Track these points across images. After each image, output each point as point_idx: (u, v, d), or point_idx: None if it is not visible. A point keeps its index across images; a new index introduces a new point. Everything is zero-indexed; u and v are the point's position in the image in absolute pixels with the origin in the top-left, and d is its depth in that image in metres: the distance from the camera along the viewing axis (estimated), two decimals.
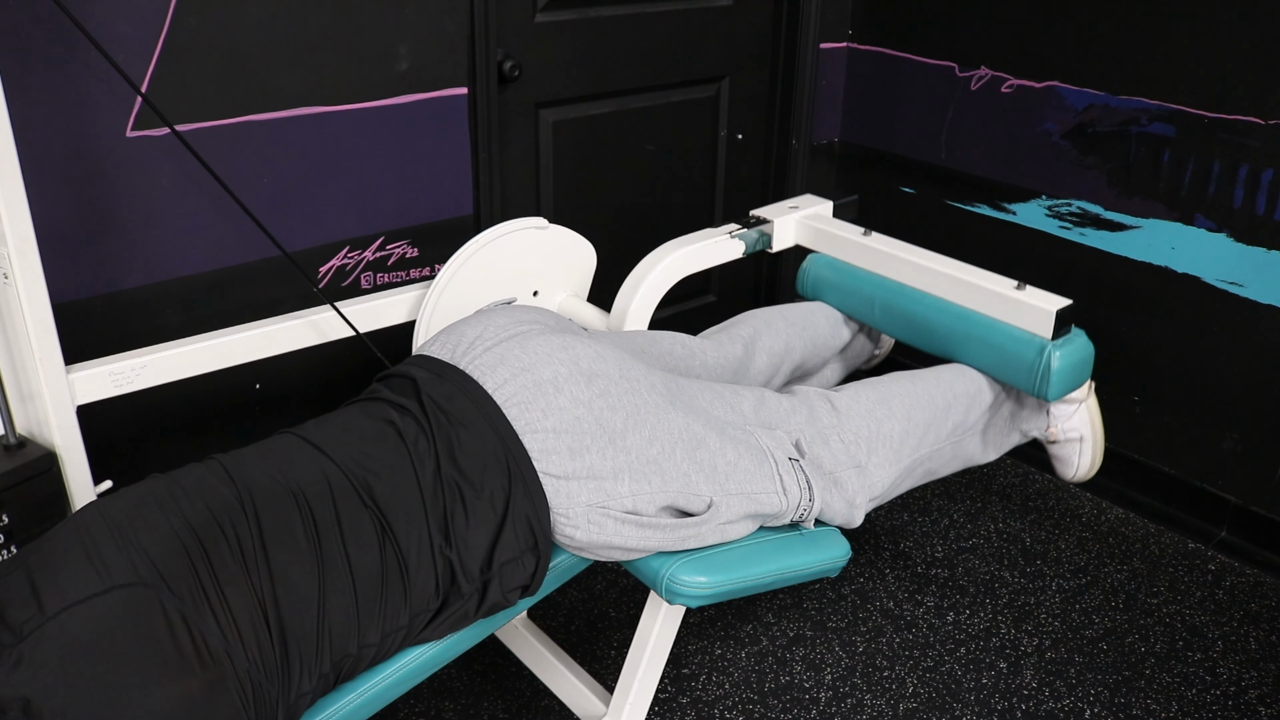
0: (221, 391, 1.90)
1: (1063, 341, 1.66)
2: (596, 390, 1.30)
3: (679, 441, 1.34)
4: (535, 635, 1.76)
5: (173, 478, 1.18)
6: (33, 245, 1.30)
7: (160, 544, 1.06)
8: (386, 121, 1.95)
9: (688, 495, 1.33)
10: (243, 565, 1.08)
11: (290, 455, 1.22)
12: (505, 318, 1.41)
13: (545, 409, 1.27)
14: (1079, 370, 1.70)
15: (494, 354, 1.33)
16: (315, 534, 1.13)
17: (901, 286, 1.85)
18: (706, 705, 1.83)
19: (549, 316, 1.47)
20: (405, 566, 1.17)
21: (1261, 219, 2.06)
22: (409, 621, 1.19)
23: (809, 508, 1.46)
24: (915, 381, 1.71)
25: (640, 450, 1.30)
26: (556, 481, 1.26)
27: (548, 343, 1.34)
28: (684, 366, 1.64)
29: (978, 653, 1.96)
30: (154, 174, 1.71)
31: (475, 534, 1.22)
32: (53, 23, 1.55)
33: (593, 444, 1.27)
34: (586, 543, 1.29)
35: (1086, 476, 1.84)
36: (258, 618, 1.06)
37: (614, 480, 1.28)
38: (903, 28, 2.59)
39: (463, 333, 1.40)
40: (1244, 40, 2.01)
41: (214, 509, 1.12)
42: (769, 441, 1.45)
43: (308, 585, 1.11)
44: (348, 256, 1.99)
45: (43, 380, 1.37)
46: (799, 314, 1.91)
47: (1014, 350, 1.70)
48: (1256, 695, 1.87)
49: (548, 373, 1.29)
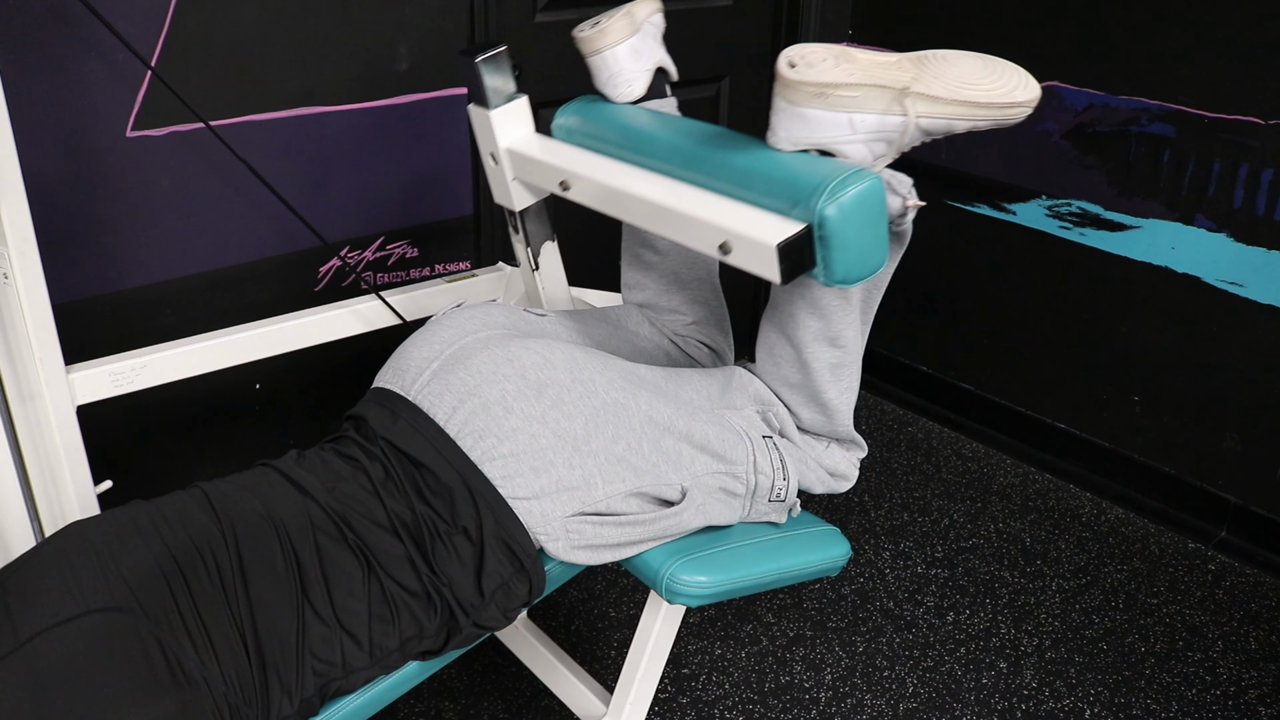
0: (221, 391, 1.90)
1: (822, 260, 1.21)
2: (548, 402, 1.27)
3: (644, 434, 1.32)
4: (535, 635, 1.76)
5: (155, 505, 1.17)
6: (33, 245, 1.30)
7: (139, 570, 1.05)
8: (386, 121, 1.95)
9: (660, 486, 1.32)
10: (221, 593, 1.08)
11: (272, 490, 1.21)
12: (450, 330, 1.38)
13: (499, 434, 1.24)
14: (866, 235, 1.22)
15: (440, 381, 1.30)
16: (296, 565, 1.13)
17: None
18: (706, 705, 1.83)
19: (499, 314, 1.44)
20: (392, 596, 1.17)
21: (1261, 219, 2.06)
22: (399, 646, 1.19)
23: (785, 485, 1.45)
24: (779, 315, 1.43)
25: (606, 450, 1.28)
26: (527, 503, 1.24)
27: (491, 357, 1.30)
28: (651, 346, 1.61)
29: (978, 653, 1.96)
30: (154, 174, 1.71)
31: (458, 568, 1.21)
32: (55, 22, 1.55)
33: (556, 457, 1.25)
34: (569, 549, 1.28)
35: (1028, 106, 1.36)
36: (236, 644, 1.06)
37: (586, 488, 1.26)
38: (903, 28, 2.59)
39: (410, 356, 1.37)
40: (1244, 40, 2.01)
41: (195, 538, 1.11)
42: (739, 421, 1.43)
43: (287, 613, 1.10)
44: (348, 256, 1.99)
45: (43, 380, 1.37)
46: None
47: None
48: (1256, 695, 1.87)
49: (495, 392, 1.26)
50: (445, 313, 1.47)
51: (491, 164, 1.60)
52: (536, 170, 1.55)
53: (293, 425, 2.06)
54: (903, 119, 1.29)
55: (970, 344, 2.67)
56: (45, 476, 1.44)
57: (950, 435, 2.71)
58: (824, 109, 1.26)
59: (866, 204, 1.21)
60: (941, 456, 2.61)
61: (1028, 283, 2.49)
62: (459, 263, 2.18)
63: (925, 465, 2.57)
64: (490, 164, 1.61)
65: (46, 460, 1.44)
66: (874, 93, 1.27)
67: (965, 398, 2.71)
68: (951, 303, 2.68)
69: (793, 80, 1.25)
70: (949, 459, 2.60)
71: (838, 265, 1.21)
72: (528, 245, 1.68)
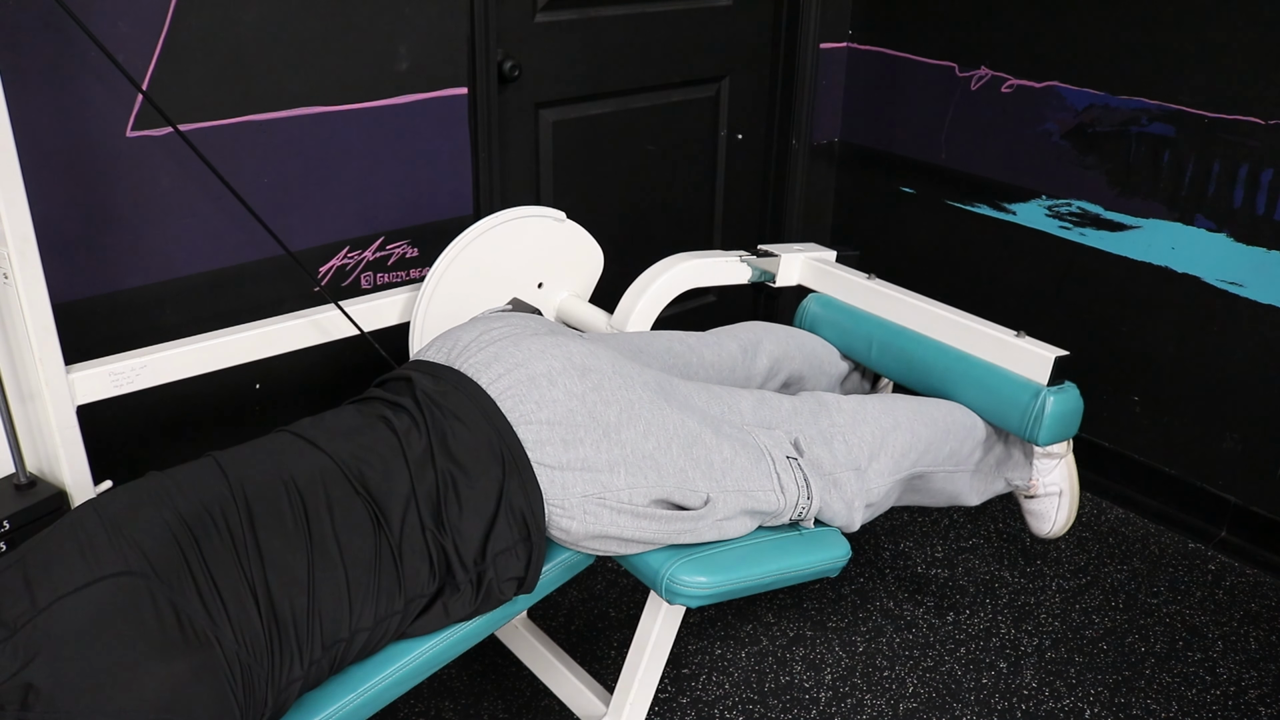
0: (221, 391, 1.90)
1: (1057, 389, 1.69)
2: (590, 384, 1.32)
3: (675, 438, 1.35)
4: (535, 635, 1.76)
5: (168, 474, 1.20)
6: (33, 245, 1.30)
7: (151, 535, 1.08)
8: (386, 121, 1.95)
9: (684, 490, 1.34)
10: (233, 550, 1.10)
11: (284, 450, 1.24)
12: (500, 323, 1.44)
13: (539, 401, 1.29)
14: (1069, 419, 1.72)
15: (488, 352, 1.35)
16: (305, 520, 1.16)
17: (900, 327, 1.88)
18: (706, 705, 1.83)
19: (543, 323, 1.50)
20: (399, 552, 1.19)
21: (1261, 219, 2.06)
22: (404, 607, 1.21)
23: (807, 506, 1.46)
24: (919, 402, 1.73)
25: (635, 445, 1.32)
26: (551, 472, 1.28)
27: (541, 341, 1.37)
28: (682, 364, 1.64)
29: (978, 653, 1.96)
30: (154, 174, 1.71)
31: (469, 523, 1.24)
32: (53, 23, 1.55)
33: (586, 436, 1.29)
34: (582, 533, 1.30)
35: (1061, 532, 1.87)
36: (248, 600, 1.08)
37: (609, 473, 1.30)
38: (903, 28, 2.59)
39: (458, 337, 1.42)
40: (1244, 40, 2.01)
41: (206, 501, 1.14)
42: (766, 440, 1.46)
43: (298, 568, 1.13)
44: (348, 256, 1.99)
45: (43, 380, 1.37)
46: (801, 334, 1.94)
47: (1010, 393, 1.73)
48: (1256, 695, 1.87)
49: (541, 367, 1.32)
50: (493, 310, 1.56)
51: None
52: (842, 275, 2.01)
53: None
54: (1065, 452, 1.83)
55: None
56: (45, 477, 1.44)
57: None
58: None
59: (1076, 407, 1.73)
60: None
61: (1028, 283, 2.49)
62: None
63: None
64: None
65: (46, 460, 1.44)
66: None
67: None
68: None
69: None
70: None
71: (1052, 410, 1.69)
72: None
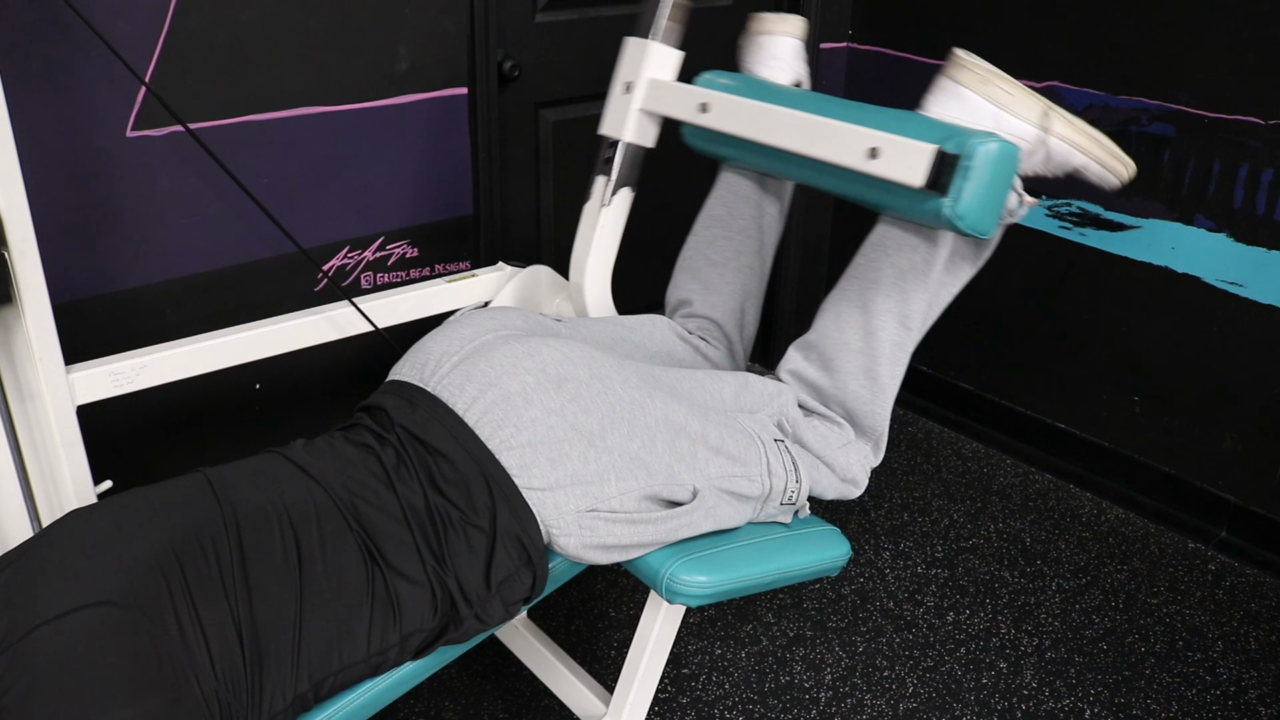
0: (221, 391, 1.90)
1: (957, 188, 1.27)
2: (568, 395, 1.29)
3: (658, 433, 1.33)
4: (535, 635, 1.76)
5: (156, 492, 1.16)
6: (33, 245, 1.30)
7: (136, 562, 1.05)
8: (386, 121, 1.96)
9: (672, 486, 1.33)
10: (219, 581, 1.07)
11: (277, 476, 1.21)
12: (470, 327, 1.40)
13: (518, 424, 1.26)
14: (995, 190, 1.29)
15: (460, 371, 1.32)
16: (297, 553, 1.13)
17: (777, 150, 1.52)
18: (706, 705, 1.83)
19: (516, 317, 1.46)
20: (395, 590, 1.17)
21: (1261, 219, 2.06)
22: (400, 640, 1.18)
23: (796, 488, 1.46)
24: (860, 281, 1.52)
25: (621, 448, 1.30)
26: (541, 494, 1.25)
27: (512, 351, 1.33)
28: (665, 350, 1.63)
29: (978, 653, 1.96)
30: (154, 174, 1.71)
31: (469, 558, 1.21)
32: (54, 23, 1.55)
33: (572, 450, 1.26)
34: (581, 547, 1.29)
35: (1125, 171, 1.49)
36: (230, 635, 1.05)
37: (599, 483, 1.27)
38: (903, 28, 2.59)
39: (429, 350, 1.39)
40: (1244, 40, 2.01)
41: (196, 526, 1.11)
42: (752, 425, 1.45)
43: (286, 602, 1.10)
44: (348, 256, 2.00)
45: (43, 380, 1.37)
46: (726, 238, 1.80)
47: (913, 210, 1.38)
48: (1256, 695, 1.87)
49: (515, 384, 1.28)
50: (465, 312, 1.50)
51: (620, 93, 1.68)
52: (675, 95, 1.63)
53: (293, 425, 2.06)
54: (1040, 133, 1.42)
55: (970, 344, 2.67)
56: (45, 476, 1.44)
57: (950, 435, 2.71)
58: (981, 96, 1.42)
59: (1007, 159, 1.29)
60: (941, 456, 2.61)
61: (1028, 283, 2.49)
62: (459, 263, 2.18)
63: (925, 465, 2.57)
64: (618, 93, 1.69)
65: (46, 460, 1.44)
66: (1026, 98, 1.42)
67: (965, 398, 2.71)
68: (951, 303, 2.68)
69: (965, 61, 1.43)
70: (949, 459, 2.60)
71: (965, 199, 1.27)
72: (610, 180, 1.71)
